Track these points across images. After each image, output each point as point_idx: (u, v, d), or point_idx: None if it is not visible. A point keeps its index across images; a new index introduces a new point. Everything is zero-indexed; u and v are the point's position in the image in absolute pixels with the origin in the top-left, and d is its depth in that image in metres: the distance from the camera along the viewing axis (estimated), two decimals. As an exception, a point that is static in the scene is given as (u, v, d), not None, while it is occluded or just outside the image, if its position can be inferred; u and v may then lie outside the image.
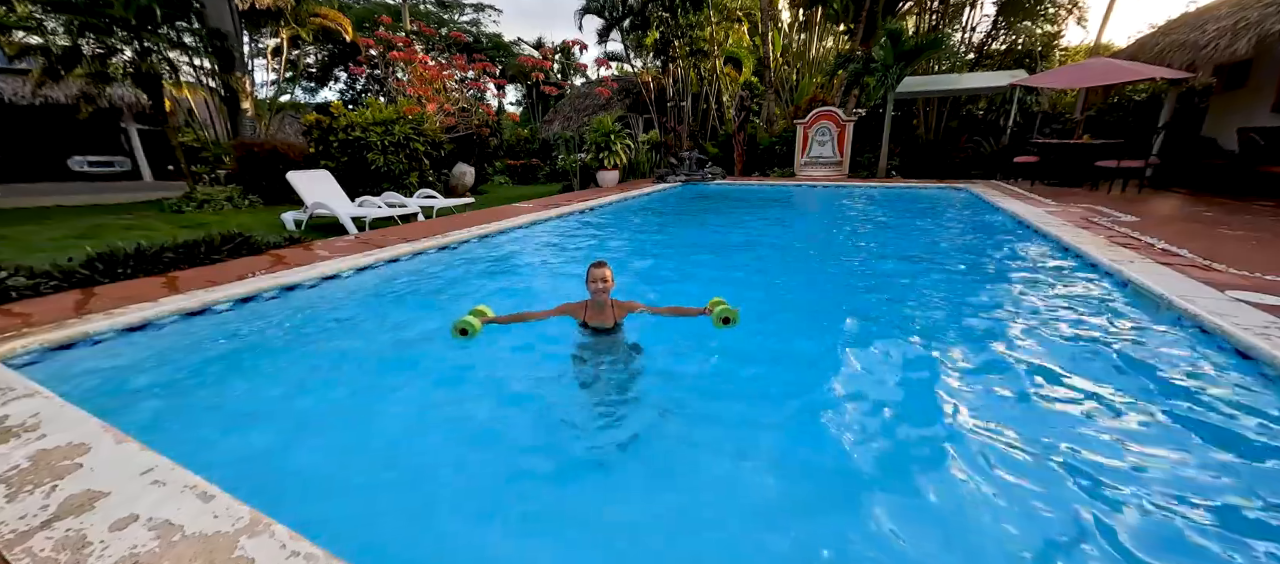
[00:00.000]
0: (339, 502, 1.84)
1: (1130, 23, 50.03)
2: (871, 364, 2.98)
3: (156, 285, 3.86)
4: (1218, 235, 5.26)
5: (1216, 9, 9.28)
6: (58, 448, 1.72)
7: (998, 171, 12.15)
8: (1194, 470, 1.89)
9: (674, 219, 8.56)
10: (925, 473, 1.97)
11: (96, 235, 6.47)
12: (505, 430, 2.35)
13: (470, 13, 28.30)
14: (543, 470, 2.05)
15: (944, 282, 4.59)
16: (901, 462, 2.08)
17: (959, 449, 2.07)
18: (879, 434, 2.27)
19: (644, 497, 1.91)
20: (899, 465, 2.05)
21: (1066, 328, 3.26)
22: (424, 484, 1.97)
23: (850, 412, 2.45)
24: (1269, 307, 2.99)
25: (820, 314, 3.99)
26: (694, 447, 2.20)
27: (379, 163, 9.67)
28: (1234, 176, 8.73)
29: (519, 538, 1.69)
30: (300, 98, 24.00)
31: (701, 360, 2.99)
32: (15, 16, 10.83)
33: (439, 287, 4.49)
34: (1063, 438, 2.12)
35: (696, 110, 17.97)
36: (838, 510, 1.82)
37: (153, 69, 10.48)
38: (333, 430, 2.32)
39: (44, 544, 1.30)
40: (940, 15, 15.26)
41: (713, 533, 1.71)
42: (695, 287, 4.66)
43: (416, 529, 1.73)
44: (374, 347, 3.22)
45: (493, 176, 15.83)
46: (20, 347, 2.65)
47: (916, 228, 7.19)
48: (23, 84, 14.72)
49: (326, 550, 1.28)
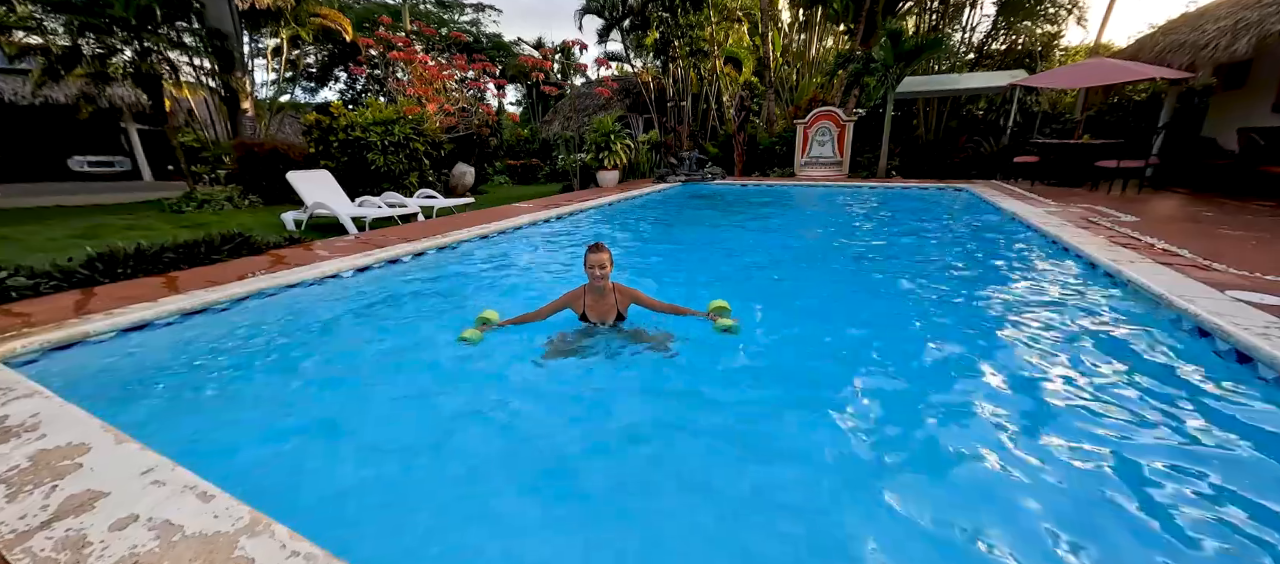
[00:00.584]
0: (338, 501, 1.84)
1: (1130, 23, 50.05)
2: (872, 364, 2.98)
3: (156, 285, 3.86)
4: (1218, 235, 5.26)
5: (1216, 9, 9.28)
6: (58, 448, 1.72)
7: (998, 172, 12.14)
8: (1194, 470, 1.89)
9: (674, 219, 8.55)
10: (924, 472, 1.97)
11: (96, 235, 6.47)
12: (505, 430, 2.35)
13: (470, 13, 28.30)
14: (543, 470, 2.05)
15: (943, 282, 4.59)
16: (901, 461, 2.08)
17: (958, 449, 2.07)
18: (879, 434, 2.27)
19: (644, 496, 1.91)
20: (899, 464, 2.05)
21: (1065, 328, 3.26)
22: (424, 484, 1.97)
23: (850, 411, 2.45)
24: (1269, 307, 2.99)
25: (821, 314, 3.99)
26: (694, 443, 2.20)
27: (379, 163, 9.67)
28: (1234, 176, 8.73)
29: (520, 537, 1.69)
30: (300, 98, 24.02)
31: (701, 359, 2.98)
32: (15, 16, 10.84)
33: (439, 287, 4.49)
34: (1060, 438, 2.12)
35: (696, 110, 17.97)
36: (838, 510, 1.82)
37: (153, 69, 10.49)
38: (332, 430, 2.32)
39: (44, 544, 1.30)
40: (940, 15, 15.26)
41: (713, 533, 1.71)
42: (695, 287, 4.66)
43: (417, 529, 1.73)
44: (374, 346, 3.21)
45: (493, 176, 15.83)
46: (20, 347, 2.65)
47: (916, 228, 7.18)
48: (23, 84, 14.74)
49: (326, 551, 1.28)
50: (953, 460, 2.01)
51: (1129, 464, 1.93)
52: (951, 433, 2.21)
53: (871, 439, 2.21)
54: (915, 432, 2.25)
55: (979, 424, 2.26)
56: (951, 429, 2.24)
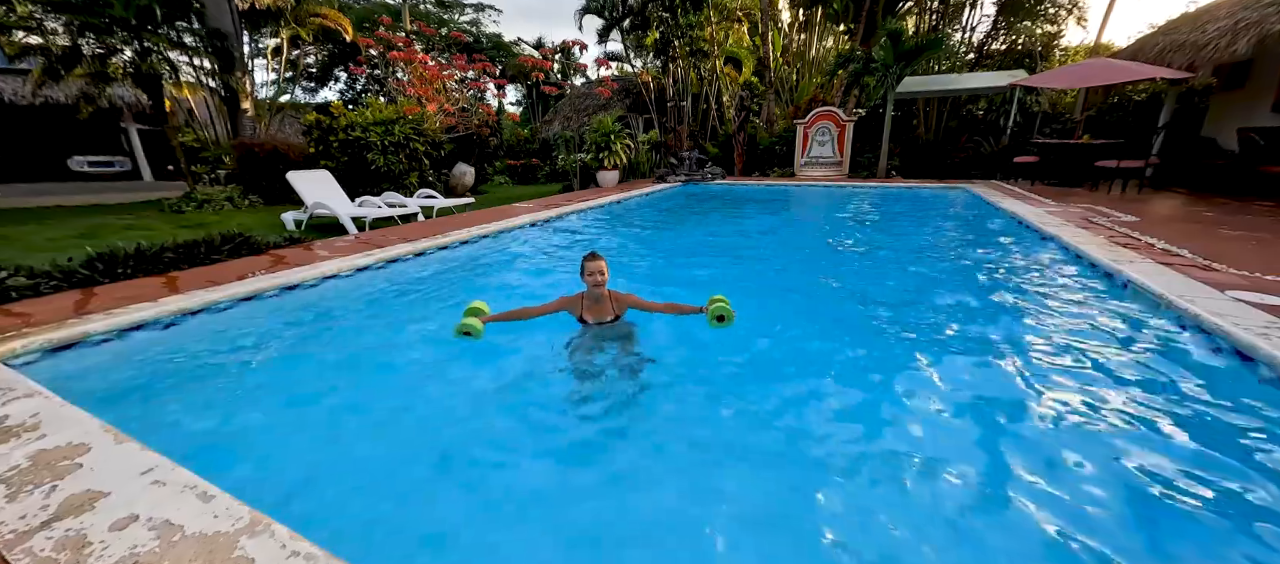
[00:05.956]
0: (338, 501, 1.84)
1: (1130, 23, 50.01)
2: (872, 365, 2.98)
3: (156, 285, 3.86)
4: (1218, 235, 5.26)
5: (1216, 9, 9.28)
6: (58, 448, 1.72)
7: (998, 172, 12.14)
8: (1194, 470, 1.89)
9: (674, 220, 8.55)
10: (923, 472, 1.97)
11: (96, 235, 6.47)
12: (505, 429, 2.35)
13: (470, 13, 28.31)
14: (543, 469, 2.05)
15: (943, 282, 4.59)
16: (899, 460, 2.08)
17: (957, 449, 2.07)
18: (879, 433, 2.27)
19: (643, 495, 1.91)
20: (896, 464, 2.05)
21: (1065, 328, 3.25)
22: (424, 483, 1.97)
23: (850, 410, 2.46)
24: (1269, 307, 2.99)
25: (821, 314, 3.99)
26: (693, 444, 2.20)
27: (379, 163, 9.67)
28: (1234, 176, 8.73)
29: (520, 538, 1.69)
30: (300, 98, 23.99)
31: (703, 359, 2.99)
32: (15, 16, 10.84)
33: (439, 286, 4.49)
34: (1059, 438, 2.12)
35: (696, 110, 17.96)
36: (837, 509, 1.82)
37: (153, 69, 10.48)
38: (332, 430, 2.32)
39: (44, 544, 1.30)
40: (940, 15, 15.25)
41: (712, 533, 1.71)
42: (695, 287, 4.65)
43: (416, 528, 1.73)
44: (374, 346, 3.22)
45: (493, 176, 15.83)
46: (20, 346, 2.65)
47: (916, 229, 7.18)
48: (23, 84, 14.72)
49: (326, 551, 1.28)
50: (952, 460, 2.01)
51: (1129, 464, 1.93)
52: (951, 433, 2.21)
53: (871, 439, 2.22)
54: (914, 431, 2.25)
55: (978, 424, 2.26)
56: (951, 429, 2.24)
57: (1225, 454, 1.96)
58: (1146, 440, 2.08)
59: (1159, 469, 1.90)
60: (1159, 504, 1.72)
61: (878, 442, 2.22)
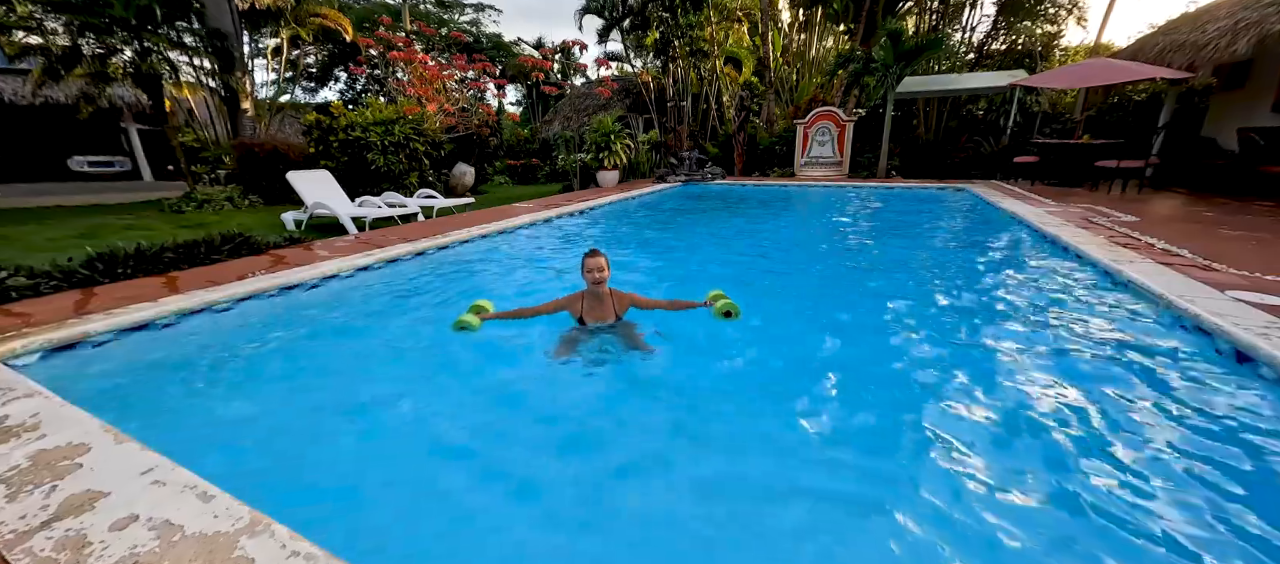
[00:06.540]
0: (337, 501, 1.84)
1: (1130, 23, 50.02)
2: (870, 364, 2.98)
3: (156, 285, 3.86)
4: (1218, 235, 5.26)
5: (1216, 9, 9.28)
6: (58, 448, 1.72)
7: (998, 172, 12.14)
8: (1194, 470, 1.89)
9: (674, 220, 8.55)
10: (921, 471, 1.97)
11: (96, 235, 6.48)
12: (505, 429, 2.35)
13: (470, 13, 28.31)
14: (544, 468, 2.04)
15: (943, 282, 4.59)
16: (900, 459, 2.08)
17: (956, 448, 2.06)
18: (879, 433, 2.27)
19: (642, 494, 1.91)
20: (897, 463, 2.05)
21: (1065, 328, 3.25)
22: (424, 483, 1.97)
23: (850, 409, 2.45)
24: (1269, 306, 2.99)
25: (820, 313, 3.99)
26: (693, 442, 2.20)
27: (379, 163, 9.67)
28: (1234, 176, 8.73)
29: (520, 538, 1.69)
30: (300, 98, 24.01)
31: (703, 358, 2.99)
32: (15, 16, 10.84)
33: (439, 286, 4.49)
34: (1058, 437, 2.12)
35: (696, 110, 17.97)
36: (836, 509, 1.82)
37: (153, 69, 10.49)
38: (333, 429, 2.32)
39: (44, 544, 1.30)
40: (940, 15, 15.25)
41: (714, 532, 1.71)
42: (695, 286, 4.65)
43: (416, 528, 1.73)
44: (374, 346, 3.21)
45: (493, 176, 15.83)
46: (20, 346, 2.65)
47: (916, 229, 7.18)
48: (23, 84, 14.72)
49: (326, 550, 1.28)
50: (951, 460, 2.01)
51: (1129, 464, 1.93)
52: (949, 432, 2.21)
53: (872, 439, 2.22)
54: (912, 431, 2.25)
55: (978, 423, 2.26)
56: (949, 428, 2.24)
57: (1225, 454, 1.96)
58: (1147, 440, 2.08)
59: (1159, 469, 1.90)
60: (1159, 504, 1.72)
61: (878, 441, 2.22)
